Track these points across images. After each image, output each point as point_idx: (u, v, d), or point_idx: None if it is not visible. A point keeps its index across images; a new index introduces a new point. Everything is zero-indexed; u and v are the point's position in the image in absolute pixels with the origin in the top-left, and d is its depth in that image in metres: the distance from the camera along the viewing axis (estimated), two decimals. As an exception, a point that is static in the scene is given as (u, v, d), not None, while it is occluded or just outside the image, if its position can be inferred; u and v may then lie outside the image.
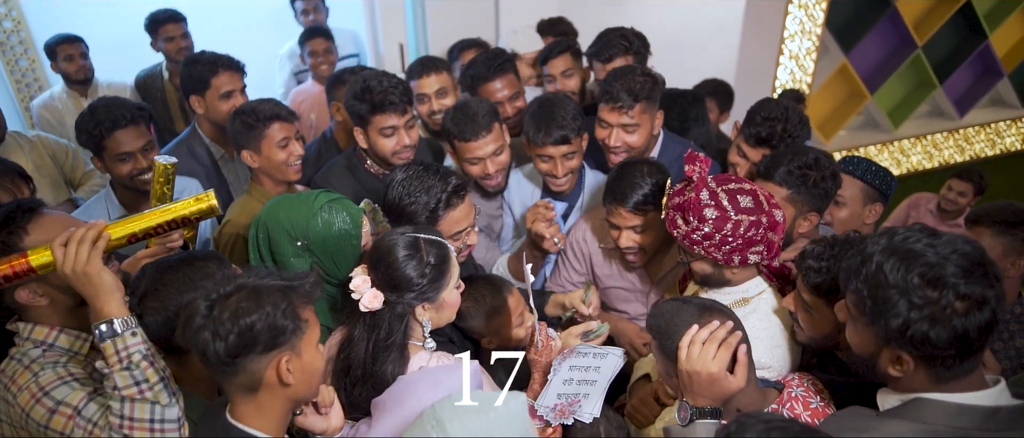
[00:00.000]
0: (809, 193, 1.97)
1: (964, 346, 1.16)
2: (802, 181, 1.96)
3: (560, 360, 1.61)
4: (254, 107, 2.31)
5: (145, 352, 1.35)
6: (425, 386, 1.47)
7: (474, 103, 2.31)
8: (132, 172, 2.33)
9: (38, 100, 3.99)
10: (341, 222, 1.72)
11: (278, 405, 1.30)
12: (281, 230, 1.72)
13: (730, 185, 1.74)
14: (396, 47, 4.10)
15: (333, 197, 1.78)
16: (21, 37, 4.61)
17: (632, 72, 2.32)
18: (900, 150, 5.93)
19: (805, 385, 1.60)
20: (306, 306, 1.30)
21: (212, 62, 2.73)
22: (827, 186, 1.98)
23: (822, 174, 1.97)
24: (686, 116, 2.96)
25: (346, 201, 1.79)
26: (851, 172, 2.23)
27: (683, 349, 1.42)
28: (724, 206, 1.69)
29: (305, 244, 1.71)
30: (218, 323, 1.20)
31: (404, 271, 1.54)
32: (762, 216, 1.70)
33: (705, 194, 1.71)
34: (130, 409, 1.33)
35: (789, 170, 1.97)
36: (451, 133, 2.30)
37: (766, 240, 1.72)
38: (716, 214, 1.68)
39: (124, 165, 2.32)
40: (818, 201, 1.99)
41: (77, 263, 1.32)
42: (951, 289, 1.14)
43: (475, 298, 1.86)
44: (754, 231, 1.69)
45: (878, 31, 5.34)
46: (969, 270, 1.15)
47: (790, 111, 2.28)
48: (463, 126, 2.25)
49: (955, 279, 1.14)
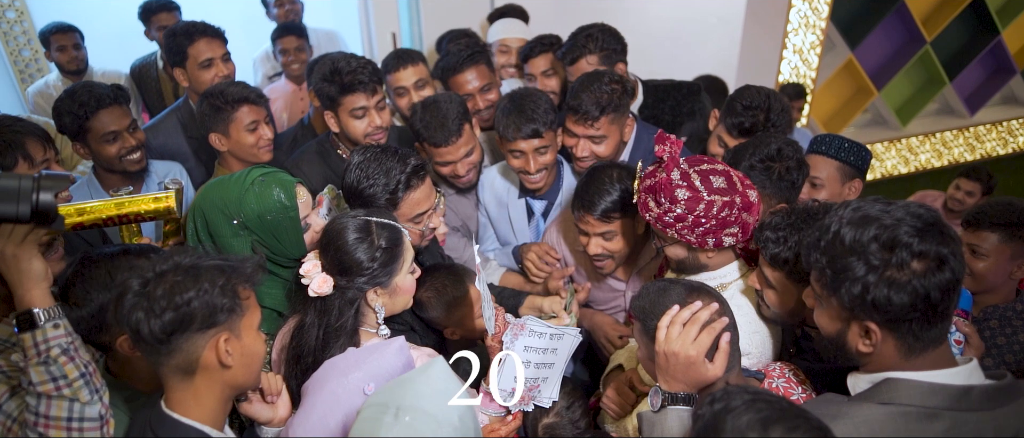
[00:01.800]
0: (775, 186, 1.91)
1: (928, 309, 1.15)
2: (766, 174, 1.91)
3: (511, 337, 1.57)
4: (223, 89, 2.30)
5: (65, 346, 1.26)
6: (346, 365, 1.44)
7: (443, 103, 2.24)
8: (120, 152, 2.32)
9: (33, 87, 4.04)
10: (275, 195, 1.68)
11: (216, 391, 1.26)
12: (216, 211, 1.68)
13: (702, 166, 1.70)
14: (389, 36, 4.07)
15: (265, 171, 1.74)
16: (24, 27, 4.67)
17: (599, 80, 2.24)
18: (908, 148, 5.81)
19: (787, 375, 1.57)
20: (246, 287, 1.27)
21: (188, 31, 2.71)
22: (793, 177, 1.93)
23: (787, 165, 1.92)
24: (679, 110, 2.88)
25: (279, 174, 1.75)
26: (824, 152, 2.16)
27: (662, 328, 1.38)
28: (696, 187, 1.65)
29: (241, 222, 1.68)
30: (152, 300, 1.16)
31: (354, 255, 1.52)
32: (735, 196, 1.66)
33: (676, 174, 1.67)
34: (46, 407, 1.25)
35: (751, 164, 1.91)
36: (421, 136, 2.25)
37: (740, 221, 1.67)
38: (688, 195, 1.64)
39: (111, 146, 2.30)
40: (786, 192, 1.93)
41: (9, 243, 1.23)
42: (905, 248, 1.14)
43: (436, 289, 1.83)
44: (727, 212, 1.65)
45: (885, 26, 5.22)
46: (923, 230, 1.15)
47: (772, 99, 2.23)
48: (433, 131, 2.21)
49: (909, 238, 1.14)
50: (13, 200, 1.06)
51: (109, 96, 2.29)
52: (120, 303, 1.19)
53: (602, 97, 2.20)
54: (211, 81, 2.68)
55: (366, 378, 1.42)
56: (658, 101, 2.89)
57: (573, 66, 2.69)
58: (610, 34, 2.73)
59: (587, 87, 2.23)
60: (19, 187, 1.06)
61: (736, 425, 1.01)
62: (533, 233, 2.48)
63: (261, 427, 1.50)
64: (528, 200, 2.46)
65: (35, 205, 1.06)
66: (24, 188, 1.06)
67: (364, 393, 1.40)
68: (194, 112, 2.76)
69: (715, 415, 1.04)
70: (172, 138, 2.76)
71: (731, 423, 1.01)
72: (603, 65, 2.67)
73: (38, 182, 1.06)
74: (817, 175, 2.12)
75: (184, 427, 1.24)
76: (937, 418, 1.17)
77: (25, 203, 1.06)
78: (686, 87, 2.94)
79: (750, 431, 0.99)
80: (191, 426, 1.24)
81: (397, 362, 1.44)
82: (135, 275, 1.20)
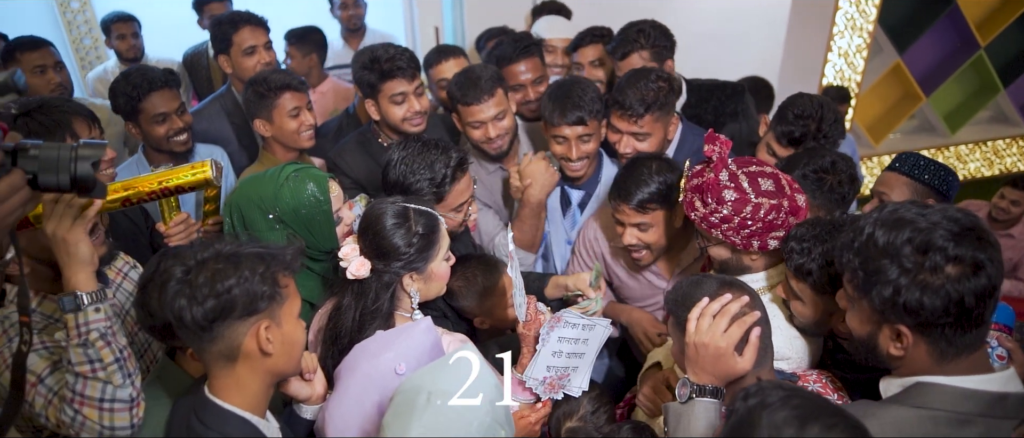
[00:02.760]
0: (825, 197, 1.89)
1: (962, 314, 1.13)
2: (818, 186, 1.89)
3: (548, 329, 1.60)
4: (266, 77, 2.38)
5: (103, 330, 1.33)
6: (376, 347, 1.47)
7: (478, 68, 2.31)
8: (168, 133, 2.43)
9: (93, 73, 4.23)
10: (309, 190, 1.73)
11: (258, 379, 1.27)
12: (252, 206, 1.73)
13: (751, 168, 1.70)
14: (432, 30, 4.13)
15: (299, 167, 1.79)
16: (86, 16, 4.88)
17: (646, 77, 2.24)
18: (957, 156, 5.65)
19: (823, 382, 1.55)
20: (286, 275, 1.27)
21: (232, 19, 2.82)
22: (844, 191, 1.91)
23: (839, 178, 1.90)
24: (722, 110, 2.86)
25: (312, 169, 1.80)
26: (897, 168, 2.07)
27: (692, 320, 1.38)
28: (744, 189, 1.64)
29: (276, 216, 1.73)
30: (194, 288, 1.17)
31: (392, 239, 1.55)
32: (783, 200, 1.65)
33: (724, 175, 1.67)
34: (82, 386, 1.33)
35: (804, 174, 1.89)
36: (454, 97, 2.30)
37: (787, 225, 1.66)
38: (735, 196, 1.64)
39: (160, 126, 2.41)
40: (834, 206, 1.91)
41: (60, 226, 1.29)
42: (940, 251, 1.11)
43: (467, 278, 1.86)
44: (774, 215, 1.64)
45: (937, 30, 5.07)
46: (959, 235, 1.12)
47: (825, 108, 2.18)
48: (466, 90, 2.25)
49: (944, 242, 1.12)
50: (53, 170, 1.06)
51: (160, 79, 2.40)
52: (163, 291, 1.21)
53: (648, 94, 2.20)
54: (254, 68, 2.77)
55: (397, 358, 1.45)
56: (701, 101, 2.88)
57: (623, 61, 2.70)
58: (660, 31, 2.74)
59: (633, 83, 2.23)
60: (58, 156, 1.06)
61: (772, 421, 0.98)
62: (569, 223, 2.49)
63: (300, 405, 1.54)
64: (566, 188, 2.46)
65: (74, 174, 1.07)
66: (63, 157, 1.06)
67: (396, 373, 1.43)
68: (236, 99, 2.86)
69: (750, 410, 1.01)
70: (215, 123, 2.87)
71: (767, 419, 0.98)
72: (653, 61, 2.67)
73: (76, 151, 1.07)
74: (886, 193, 2.06)
75: (227, 413, 1.25)
76: (970, 424, 1.15)
77: (65, 173, 1.07)
78: (730, 88, 2.91)
79: (787, 427, 0.96)
80: (233, 413, 1.25)
81: (426, 341, 1.47)
82: (177, 263, 1.22)
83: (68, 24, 4.83)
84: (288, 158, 2.40)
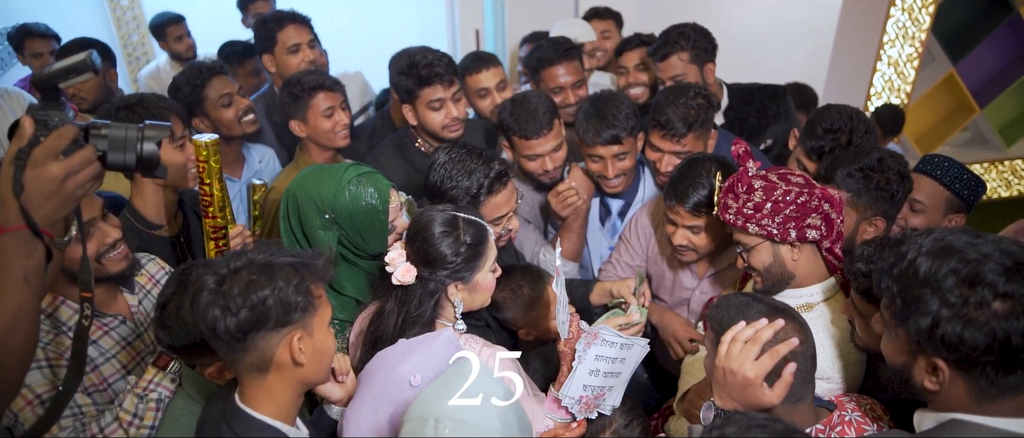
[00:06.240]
0: (872, 196, 1.82)
1: (1006, 354, 1.05)
2: (864, 182, 1.82)
3: (584, 346, 1.56)
4: (300, 78, 2.40)
5: (162, 397, 1.45)
6: (395, 357, 1.45)
7: (533, 98, 2.25)
8: (237, 114, 2.48)
9: (145, 71, 4.31)
10: (368, 196, 1.71)
11: (289, 388, 1.26)
12: (310, 202, 1.73)
13: (780, 170, 1.73)
14: (472, 33, 4.13)
15: (363, 171, 1.77)
16: (135, 13, 5.01)
17: (685, 95, 2.19)
18: (1011, 170, 5.44)
19: (862, 410, 1.49)
20: (318, 285, 1.25)
21: (277, 17, 2.85)
22: (894, 189, 1.83)
23: (887, 176, 1.82)
24: (765, 113, 2.83)
25: (376, 175, 1.78)
26: (938, 177, 2.01)
27: (724, 343, 1.34)
28: (772, 180, 1.66)
29: (332, 217, 1.72)
30: (228, 298, 1.14)
31: (439, 248, 1.53)
32: (815, 189, 1.65)
33: (752, 167, 1.70)
34: (112, 429, 1.46)
35: (850, 172, 1.83)
36: (510, 129, 2.25)
37: (821, 211, 1.63)
38: (765, 183, 1.66)
39: (228, 109, 2.46)
40: (884, 205, 1.84)
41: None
42: (988, 287, 1.04)
43: (512, 289, 1.83)
44: (806, 197, 1.63)
45: (994, 40, 4.90)
46: (1012, 269, 1.05)
47: (855, 120, 2.11)
48: (523, 123, 2.20)
49: (994, 277, 1.04)
50: (121, 149, 1.09)
51: (215, 67, 2.49)
52: (196, 301, 1.17)
53: (689, 113, 2.16)
54: (298, 66, 2.79)
55: (412, 370, 1.42)
56: (743, 104, 2.86)
57: (663, 62, 2.68)
58: (702, 34, 2.71)
59: (673, 102, 2.18)
60: (126, 137, 1.09)
61: None
62: (609, 232, 2.46)
63: (330, 406, 1.54)
64: (605, 198, 2.43)
65: (140, 154, 1.09)
66: (130, 138, 1.09)
67: (411, 385, 1.40)
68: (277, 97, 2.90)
69: None
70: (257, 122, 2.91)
71: None
72: (693, 63, 2.65)
73: (143, 132, 1.09)
74: (921, 198, 1.99)
75: (259, 424, 1.23)
76: None
77: (131, 152, 1.09)
78: (772, 89, 2.89)
79: None
80: (265, 423, 1.24)
81: (445, 353, 1.44)
82: (209, 272, 1.19)
83: (117, 21, 4.96)
84: (324, 158, 2.41)
